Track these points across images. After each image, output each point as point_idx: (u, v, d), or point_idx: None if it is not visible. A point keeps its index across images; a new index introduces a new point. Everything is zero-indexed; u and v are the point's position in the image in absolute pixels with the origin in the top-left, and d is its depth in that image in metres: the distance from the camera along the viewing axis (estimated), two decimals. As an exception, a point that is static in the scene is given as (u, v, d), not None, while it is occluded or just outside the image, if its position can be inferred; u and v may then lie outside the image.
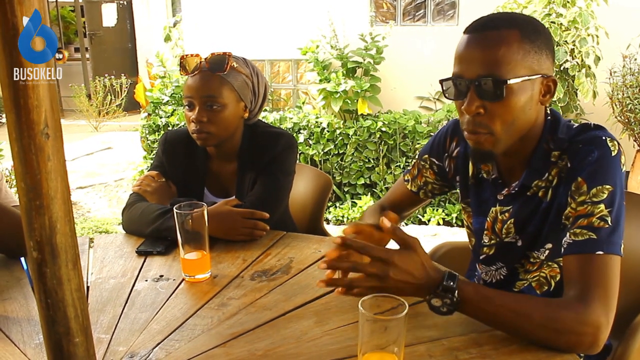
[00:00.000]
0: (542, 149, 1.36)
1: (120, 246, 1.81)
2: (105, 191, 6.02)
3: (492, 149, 1.32)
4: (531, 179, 1.38)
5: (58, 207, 0.92)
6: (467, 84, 1.28)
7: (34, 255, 0.94)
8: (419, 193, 1.73)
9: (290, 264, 1.65)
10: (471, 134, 1.32)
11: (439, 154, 1.65)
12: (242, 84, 1.90)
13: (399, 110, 5.36)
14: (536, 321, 1.17)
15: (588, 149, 1.29)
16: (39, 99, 0.87)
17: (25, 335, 1.31)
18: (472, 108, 1.27)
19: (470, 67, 1.27)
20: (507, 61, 1.24)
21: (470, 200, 1.57)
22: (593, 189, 1.25)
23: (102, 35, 10.63)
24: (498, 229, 1.48)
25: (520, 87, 1.26)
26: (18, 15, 0.82)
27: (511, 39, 1.25)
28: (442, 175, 1.66)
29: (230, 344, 1.26)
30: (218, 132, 1.88)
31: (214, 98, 1.85)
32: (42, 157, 0.89)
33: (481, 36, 1.28)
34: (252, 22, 6.09)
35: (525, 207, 1.42)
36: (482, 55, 1.26)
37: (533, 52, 1.27)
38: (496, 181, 1.48)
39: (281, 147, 1.96)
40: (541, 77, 1.29)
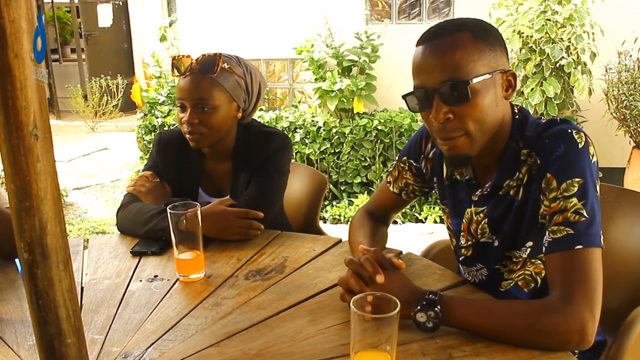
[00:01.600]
0: (511, 149, 1.37)
1: (115, 247, 1.80)
2: (102, 192, 6.01)
3: (469, 151, 1.32)
4: (502, 178, 1.39)
5: (48, 208, 0.92)
6: (431, 93, 1.28)
7: (24, 257, 0.94)
8: (401, 194, 1.73)
9: (285, 263, 1.65)
10: (445, 140, 1.32)
11: (416, 156, 1.65)
12: (234, 84, 1.89)
13: (395, 108, 5.36)
14: (521, 326, 1.18)
15: (554, 143, 1.29)
16: (27, 100, 0.87)
17: (19, 336, 1.31)
18: (441, 115, 1.28)
19: (431, 76, 1.28)
20: (465, 63, 1.25)
21: (447, 201, 1.58)
22: (563, 184, 1.25)
23: (98, 35, 10.61)
24: (473, 230, 1.49)
25: (482, 85, 1.27)
26: (5, 17, 0.82)
27: (465, 41, 1.26)
28: (420, 177, 1.67)
29: (224, 344, 1.26)
30: (210, 134, 1.88)
31: (205, 100, 1.85)
32: (31, 158, 0.89)
33: (435, 44, 1.29)
34: (248, 22, 6.08)
35: (497, 207, 1.42)
36: (439, 61, 1.27)
37: (488, 50, 1.28)
38: (470, 182, 1.48)
39: (276, 147, 1.96)
40: (500, 73, 1.31)
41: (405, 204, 1.78)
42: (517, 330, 1.18)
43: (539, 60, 4.38)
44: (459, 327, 1.23)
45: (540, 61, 4.38)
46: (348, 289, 1.32)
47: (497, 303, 1.31)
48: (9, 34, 0.83)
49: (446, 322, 1.22)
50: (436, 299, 1.22)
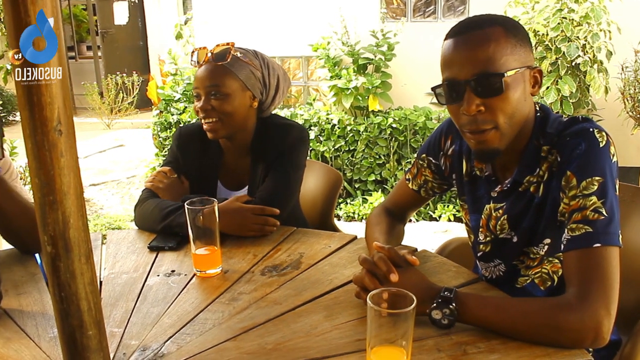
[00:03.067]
0: (532, 145, 1.38)
1: (133, 242, 1.83)
2: (118, 188, 6.06)
3: (498, 145, 1.33)
4: (523, 174, 1.39)
5: (71, 202, 0.94)
6: (463, 85, 1.29)
7: (47, 250, 0.96)
8: (420, 191, 1.73)
9: (301, 260, 1.66)
10: (474, 134, 1.33)
11: (435, 153, 1.66)
12: (248, 74, 1.92)
13: (410, 106, 5.36)
14: (537, 323, 1.19)
15: (576, 141, 1.29)
16: (51, 96, 0.89)
17: (40, 328, 1.33)
18: (472, 107, 1.28)
19: (463, 68, 1.29)
20: (499, 56, 1.27)
21: (466, 197, 1.58)
22: (583, 182, 1.26)
23: (114, 33, 10.68)
24: (492, 226, 1.49)
25: (514, 79, 1.28)
26: (31, 14, 0.84)
27: (497, 35, 1.28)
28: (439, 174, 1.67)
29: (241, 338, 1.27)
30: (225, 120, 1.91)
31: (217, 87, 1.88)
32: (55, 153, 0.91)
33: (467, 37, 1.30)
34: (263, 19, 6.10)
35: (517, 203, 1.42)
36: (473, 54, 1.28)
37: (518, 46, 1.30)
38: (490, 178, 1.49)
39: (292, 140, 1.97)
40: (528, 69, 1.32)
41: (423, 201, 1.79)
42: (533, 327, 1.19)
43: (555, 58, 4.35)
44: (474, 324, 1.24)
45: (555, 59, 4.36)
46: (363, 287, 1.33)
47: (512, 300, 1.31)
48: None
49: (461, 319, 1.23)
50: (451, 296, 1.23)
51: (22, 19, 0.84)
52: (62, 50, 0.90)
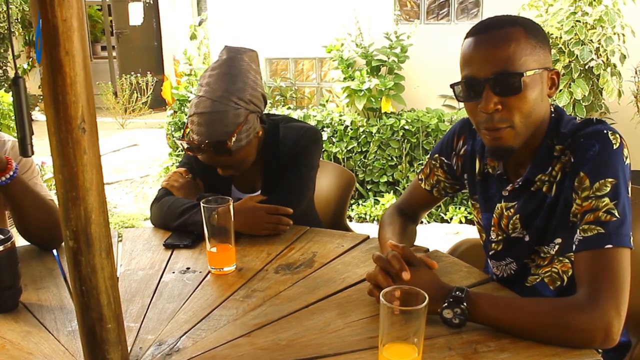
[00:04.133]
0: (546, 144, 1.39)
1: (148, 239, 1.85)
2: (131, 187, 6.11)
3: (512, 143, 1.34)
4: (535, 173, 1.41)
5: (93, 198, 0.97)
6: (482, 83, 1.30)
7: (70, 244, 0.99)
8: (433, 191, 1.75)
9: (314, 258, 1.68)
10: (491, 131, 1.34)
11: (448, 153, 1.68)
12: (246, 132, 1.83)
13: (422, 108, 5.37)
14: (547, 323, 1.20)
15: (589, 142, 1.31)
16: (76, 95, 0.91)
17: (58, 322, 1.36)
18: (491, 105, 1.30)
19: (483, 66, 1.30)
20: (519, 56, 1.28)
21: (478, 196, 1.60)
22: (596, 183, 1.27)
23: (128, 33, 10.75)
24: (504, 225, 1.51)
25: (532, 79, 1.29)
26: (58, 16, 0.87)
27: (518, 35, 1.29)
28: (451, 174, 1.69)
29: (255, 334, 1.29)
30: (243, 167, 1.93)
31: (228, 167, 1.90)
32: (78, 150, 0.94)
33: (488, 36, 1.32)
34: (277, 20, 6.13)
35: (529, 203, 1.44)
36: (493, 53, 1.29)
37: (538, 47, 1.31)
38: (501, 177, 1.50)
39: (306, 141, 1.99)
40: (547, 70, 1.34)
41: (435, 201, 1.80)
42: (543, 326, 1.20)
43: (568, 61, 4.35)
44: (485, 323, 1.25)
45: (569, 62, 4.35)
46: (376, 285, 1.35)
47: (523, 300, 1.33)
48: (61, 32, 0.88)
49: (472, 318, 1.25)
50: (462, 296, 1.24)
51: (50, 21, 0.86)
52: (86, 51, 0.92)
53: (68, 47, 0.89)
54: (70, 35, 0.89)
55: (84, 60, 0.92)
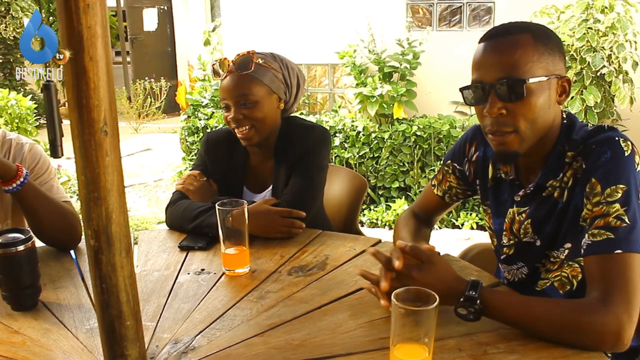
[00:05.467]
0: (557, 150, 1.41)
1: (164, 241, 1.89)
2: (145, 191, 6.16)
3: (518, 149, 1.37)
4: (546, 179, 1.43)
5: (114, 199, 1.00)
6: (488, 88, 1.34)
7: (91, 243, 1.02)
8: (445, 197, 1.78)
9: (326, 261, 1.71)
10: (495, 135, 1.37)
11: (460, 159, 1.70)
12: (271, 78, 1.97)
13: (434, 114, 5.38)
14: (559, 324, 1.21)
15: (601, 149, 1.32)
16: (99, 99, 0.95)
17: (77, 320, 1.39)
18: (495, 109, 1.33)
19: (489, 71, 1.34)
20: (524, 62, 1.31)
21: (490, 202, 1.62)
22: (607, 189, 1.28)
23: (143, 39, 10.84)
24: (516, 230, 1.53)
25: (538, 86, 1.32)
26: (83, 23, 0.90)
27: (525, 42, 1.32)
28: (463, 180, 1.71)
29: (269, 334, 1.32)
30: (258, 127, 1.96)
31: (246, 96, 1.93)
32: (101, 152, 0.97)
33: (497, 42, 1.35)
34: (290, 27, 6.17)
35: (541, 208, 1.46)
36: (499, 59, 1.33)
37: (547, 54, 1.34)
38: (513, 182, 1.52)
39: (314, 140, 2.02)
40: (556, 78, 1.36)
41: (448, 206, 1.83)
42: (555, 326, 1.21)
43: (580, 68, 4.36)
44: (499, 320, 1.27)
45: (580, 70, 4.36)
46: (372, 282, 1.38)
47: (536, 300, 1.34)
48: (86, 39, 0.92)
49: (486, 315, 1.26)
50: (476, 295, 1.25)
51: (75, 28, 0.90)
52: (109, 56, 0.96)
53: (92, 53, 0.93)
54: (94, 41, 0.92)
55: (107, 66, 0.95)
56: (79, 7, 0.90)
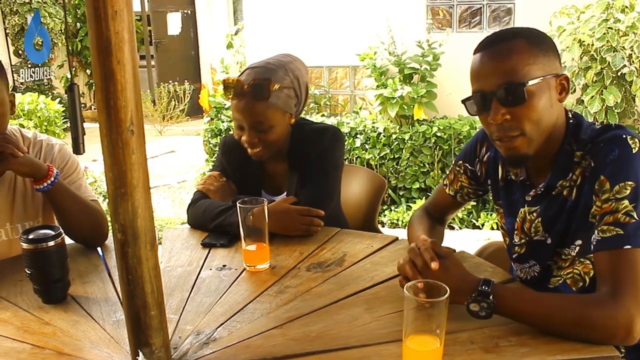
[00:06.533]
0: (565, 150, 1.44)
1: (187, 239, 1.95)
2: (169, 192, 6.26)
3: (527, 151, 1.40)
4: (556, 179, 1.46)
5: (140, 195, 1.06)
6: (489, 96, 1.37)
7: (118, 237, 1.08)
8: (456, 197, 1.81)
9: (344, 258, 1.75)
10: (503, 142, 1.41)
11: (471, 160, 1.74)
12: (285, 99, 1.96)
13: (455, 115, 5.40)
14: (569, 319, 1.24)
15: (609, 147, 1.35)
16: (126, 100, 1.01)
17: (104, 313, 1.46)
18: (498, 116, 1.37)
19: (488, 80, 1.37)
20: (521, 67, 1.35)
21: (502, 201, 1.65)
22: (616, 186, 1.31)
23: (167, 43, 10.96)
24: (527, 229, 1.56)
25: (537, 88, 1.35)
26: (111, 29, 0.96)
27: (520, 47, 1.36)
28: (475, 180, 1.75)
29: (287, 326, 1.37)
30: (269, 148, 2.00)
31: (262, 122, 1.94)
32: (127, 150, 1.03)
33: (492, 51, 1.39)
34: (312, 30, 6.22)
35: (551, 207, 1.49)
36: (497, 66, 1.37)
37: (542, 55, 1.37)
38: (524, 183, 1.56)
39: (327, 142, 2.06)
40: (554, 77, 1.39)
41: (460, 205, 1.87)
42: (565, 320, 1.24)
43: (600, 68, 4.35)
44: (510, 316, 1.29)
45: (601, 70, 4.35)
46: (405, 276, 1.41)
47: (547, 295, 1.38)
48: (114, 44, 0.97)
49: (498, 311, 1.29)
50: (489, 290, 1.29)
51: (103, 33, 0.96)
52: (135, 60, 1.02)
53: (119, 57, 0.98)
54: (122, 46, 0.98)
55: (134, 69, 1.01)
56: (107, 14, 0.96)
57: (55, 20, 9.32)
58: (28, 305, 1.50)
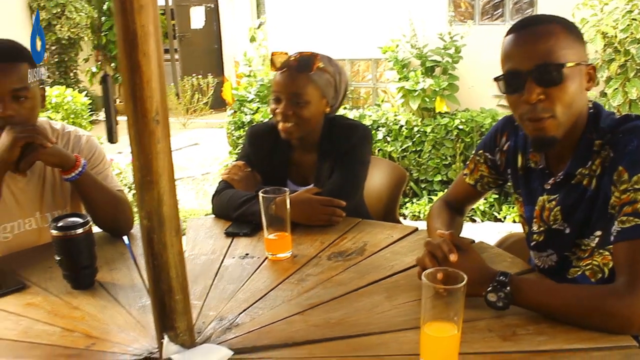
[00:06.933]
0: (585, 139, 1.45)
1: (210, 228, 1.99)
2: (193, 184, 6.33)
3: (555, 133, 1.41)
4: (575, 167, 1.47)
5: (165, 182, 1.10)
6: (524, 76, 1.38)
7: (144, 223, 1.12)
8: (477, 186, 1.82)
9: (365, 247, 1.77)
10: (533, 122, 1.41)
11: (491, 149, 1.75)
12: (326, 82, 2.06)
13: (476, 108, 5.39)
14: (586, 308, 1.25)
15: (628, 138, 1.36)
16: (151, 91, 1.04)
17: (130, 299, 1.50)
18: (533, 95, 1.37)
19: (525, 59, 1.38)
20: (559, 49, 1.36)
21: (521, 190, 1.66)
22: (634, 177, 1.31)
23: (190, 37, 11.04)
24: (546, 217, 1.57)
25: (572, 71, 1.37)
26: (137, 22, 0.99)
27: (557, 31, 1.38)
28: (495, 169, 1.76)
29: (308, 313, 1.40)
30: (302, 125, 2.04)
31: (300, 95, 2.01)
32: (153, 139, 1.06)
33: (529, 31, 1.40)
34: (334, 23, 6.24)
35: (570, 196, 1.49)
36: (535, 46, 1.38)
37: (576, 43, 1.40)
38: (543, 171, 1.57)
39: (357, 139, 2.10)
40: (584, 65, 1.41)
41: (479, 195, 1.88)
42: (583, 310, 1.25)
43: (624, 60, 4.31)
44: (528, 307, 1.31)
45: (624, 62, 4.31)
46: (424, 268, 1.43)
47: (565, 285, 1.39)
48: (140, 37, 1.01)
49: (516, 302, 1.30)
50: (506, 280, 1.30)
51: (130, 27, 0.99)
52: (160, 52, 1.05)
53: (145, 49, 1.02)
54: (147, 39, 1.02)
55: (158, 61, 1.04)
56: (133, 8, 0.99)
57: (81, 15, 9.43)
58: (58, 290, 1.55)
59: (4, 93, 1.70)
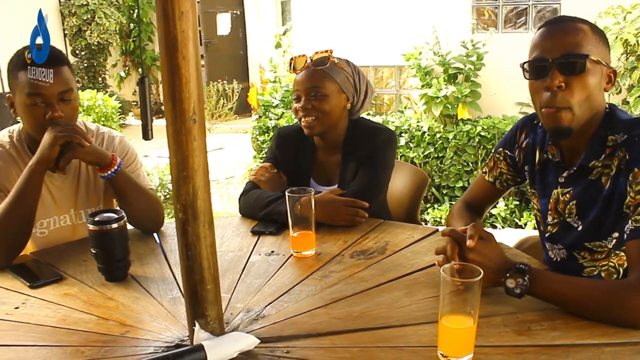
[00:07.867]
0: (600, 134, 1.52)
1: (237, 227, 2.06)
2: (217, 188, 6.42)
3: (570, 125, 1.48)
4: (589, 159, 1.53)
5: (200, 178, 1.17)
6: (550, 63, 1.46)
7: (179, 216, 1.19)
8: (495, 183, 1.88)
9: (386, 246, 1.83)
10: (550, 109, 1.48)
11: (511, 146, 1.81)
12: (343, 78, 2.14)
13: (499, 115, 5.41)
14: (601, 300, 1.29)
15: None
16: (189, 92, 1.12)
17: (161, 291, 1.58)
18: (555, 82, 1.45)
19: (553, 48, 1.47)
20: (586, 43, 1.45)
21: (537, 185, 1.72)
22: None
23: (216, 43, 11.19)
24: (561, 209, 1.62)
25: (594, 67, 1.45)
26: (178, 28, 1.07)
27: (586, 29, 1.48)
28: (513, 166, 1.82)
29: (331, 306, 1.46)
30: (322, 119, 2.12)
31: (317, 88, 2.10)
32: (190, 137, 1.14)
33: (560, 25, 1.50)
34: (358, 30, 6.31)
35: (587, 192, 1.55)
36: (563, 38, 1.47)
37: (600, 44, 1.48)
38: (558, 165, 1.62)
39: (381, 142, 2.16)
40: (606, 67, 1.49)
41: (499, 194, 1.93)
42: (597, 302, 1.29)
43: (646, 69, 4.32)
44: (544, 296, 1.35)
45: (647, 70, 4.33)
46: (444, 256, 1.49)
47: (580, 278, 1.45)
48: (180, 41, 1.08)
49: (533, 290, 1.35)
50: (525, 268, 1.35)
51: (171, 32, 1.07)
52: (198, 56, 1.13)
53: (185, 52, 1.09)
54: (187, 43, 1.09)
55: (196, 64, 1.12)
56: (175, 15, 1.07)
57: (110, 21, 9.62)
58: (93, 282, 1.64)
59: (53, 96, 1.80)
